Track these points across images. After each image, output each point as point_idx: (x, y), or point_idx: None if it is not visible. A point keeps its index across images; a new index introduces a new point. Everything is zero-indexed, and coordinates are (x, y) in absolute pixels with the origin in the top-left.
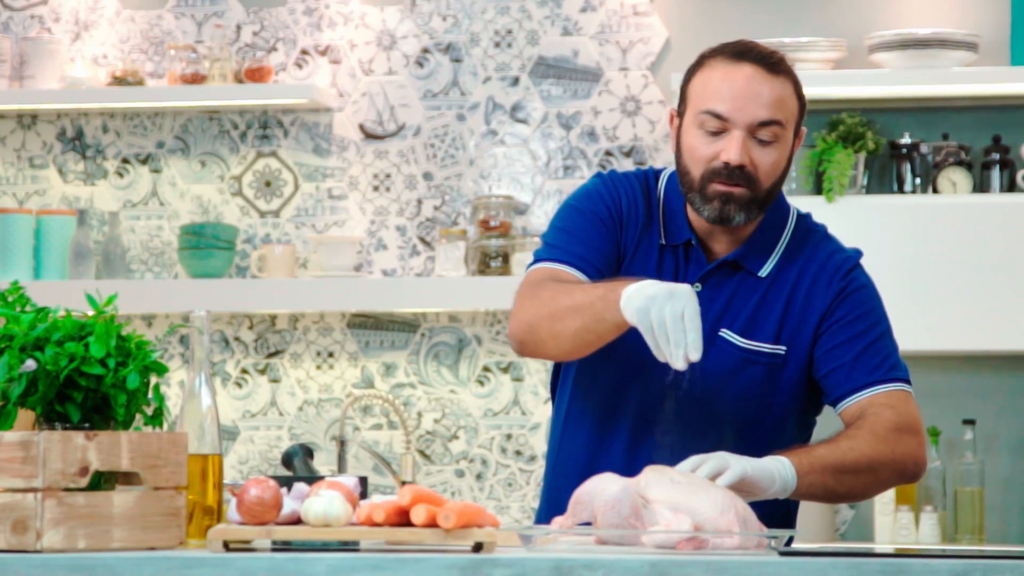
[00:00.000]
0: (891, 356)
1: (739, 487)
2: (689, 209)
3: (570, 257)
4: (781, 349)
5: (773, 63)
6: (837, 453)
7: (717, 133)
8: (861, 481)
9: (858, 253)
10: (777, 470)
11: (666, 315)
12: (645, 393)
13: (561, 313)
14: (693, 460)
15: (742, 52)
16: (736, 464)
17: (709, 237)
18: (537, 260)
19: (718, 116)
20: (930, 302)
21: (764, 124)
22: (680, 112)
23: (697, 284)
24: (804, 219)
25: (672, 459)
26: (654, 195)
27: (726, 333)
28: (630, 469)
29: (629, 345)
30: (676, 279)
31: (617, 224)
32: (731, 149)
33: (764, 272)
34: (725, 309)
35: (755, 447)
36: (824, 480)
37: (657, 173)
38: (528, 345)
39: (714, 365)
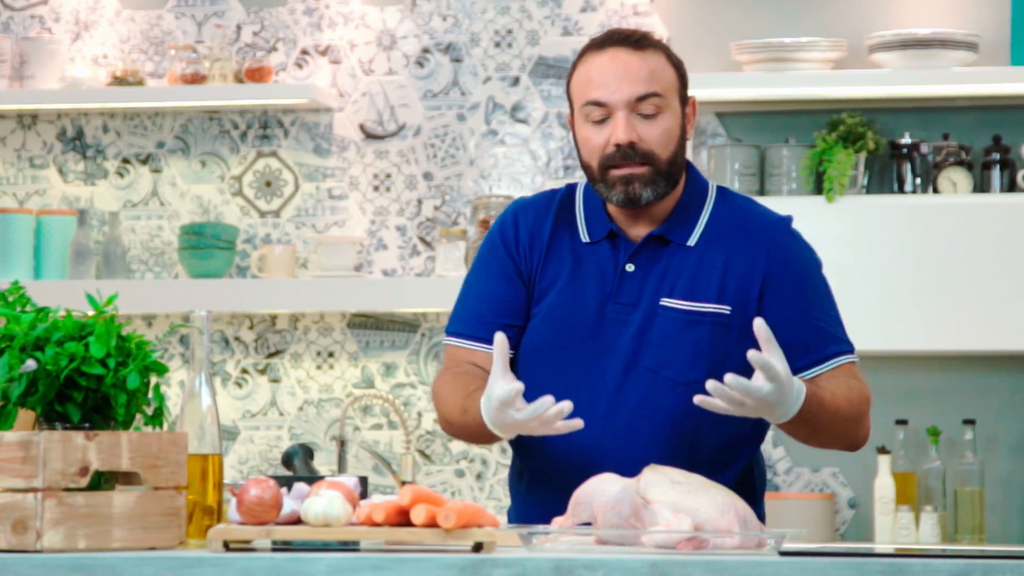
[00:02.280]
0: (834, 332)
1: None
2: (608, 203)
3: (468, 327)
4: (726, 309)
5: (636, 40)
6: (828, 394)
7: (602, 121)
8: (837, 424)
9: (789, 218)
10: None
11: (511, 418)
12: (595, 380)
13: (460, 428)
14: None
15: (605, 39)
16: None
17: (630, 225)
18: (447, 332)
19: (598, 103)
20: (930, 302)
21: (642, 98)
22: (572, 114)
23: (630, 265)
24: (725, 191)
25: (636, 433)
26: (567, 205)
27: (667, 301)
28: (601, 448)
29: (565, 355)
30: (603, 270)
31: (519, 253)
32: (617, 130)
33: (692, 241)
34: (662, 280)
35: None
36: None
37: (574, 186)
38: (454, 438)
39: (659, 334)
